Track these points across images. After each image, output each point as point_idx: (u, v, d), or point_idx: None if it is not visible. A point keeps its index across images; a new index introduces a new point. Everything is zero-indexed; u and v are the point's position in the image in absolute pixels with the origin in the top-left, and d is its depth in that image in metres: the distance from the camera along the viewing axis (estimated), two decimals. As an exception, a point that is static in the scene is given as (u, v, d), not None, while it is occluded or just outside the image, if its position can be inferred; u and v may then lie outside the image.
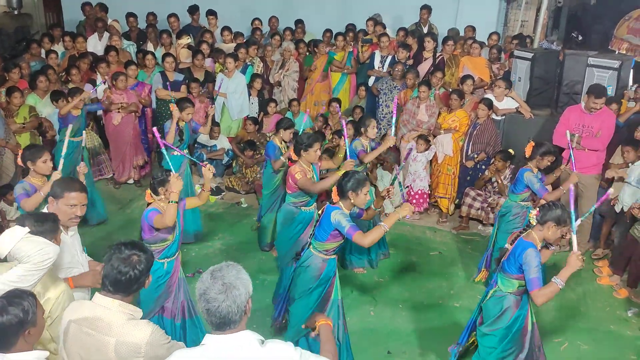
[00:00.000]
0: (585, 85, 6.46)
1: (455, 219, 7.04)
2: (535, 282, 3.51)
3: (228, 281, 2.09)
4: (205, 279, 2.12)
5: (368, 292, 5.47)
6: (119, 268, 2.37)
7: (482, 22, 8.82)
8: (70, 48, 8.35)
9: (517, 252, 3.68)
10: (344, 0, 10.04)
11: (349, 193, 3.82)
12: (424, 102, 7.05)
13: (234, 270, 2.14)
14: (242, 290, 2.11)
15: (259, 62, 8.38)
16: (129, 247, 2.43)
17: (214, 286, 2.08)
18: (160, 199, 4.03)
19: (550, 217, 3.64)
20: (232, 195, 7.56)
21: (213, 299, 2.07)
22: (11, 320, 2.15)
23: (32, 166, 4.29)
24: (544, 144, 5.17)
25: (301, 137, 4.91)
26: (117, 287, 2.38)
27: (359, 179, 3.85)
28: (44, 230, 2.77)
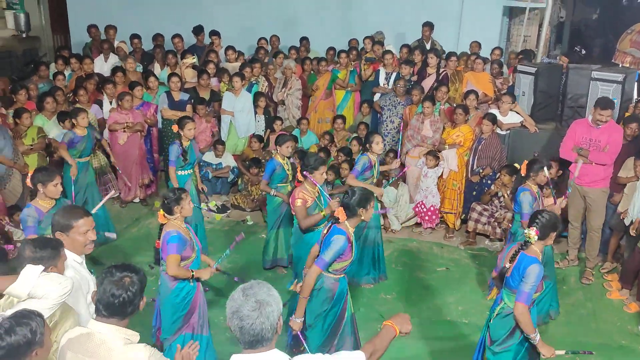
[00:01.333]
0: (589, 98, 6.46)
1: (462, 234, 7.01)
2: (525, 296, 3.56)
3: (261, 298, 2.08)
4: (237, 297, 2.11)
5: (375, 309, 5.43)
6: (112, 291, 2.34)
7: (485, 37, 8.87)
8: (77, 69, 8.44)
9: (522, 266, 3.65)
10: (346, 18, 10.13)
11: (359, 210, 3.82)
12: (428, 117, 7.07)
13: (265, 288, 2.13)
14: (274, 307, 2.10)
15: (263, 80, 8.45)
16: (120, 270, 2.40)
17: (246, 303, 2.07)
18: (176, 217, 4.06)
19: (551, 229, 3.72)
20: (238, 213, 7.56)
21: (247, 316, 2.06)
22: (19, 341, 2.14)
23: (42, 189, 4.26)
24: (536, 160, 5.17)
25: (308, 159, 4.90)
26: (111, 310, 2.36)
27: (365, 194, 3.85)
28: (43, 256, 2.74)
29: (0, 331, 2.15)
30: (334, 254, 3.76)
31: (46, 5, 12.89)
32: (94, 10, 10.55)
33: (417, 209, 7.03)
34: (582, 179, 5.84)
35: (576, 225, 6.13)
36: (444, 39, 9.23)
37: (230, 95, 7.87)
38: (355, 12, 10.08)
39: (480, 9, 9.51)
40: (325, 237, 3.89)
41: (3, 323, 2.17)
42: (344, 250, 3.80)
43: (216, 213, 7.44)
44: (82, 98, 7.44)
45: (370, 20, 9.67)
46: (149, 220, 7.24)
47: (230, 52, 8.86)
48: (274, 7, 10.35)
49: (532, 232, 3.66)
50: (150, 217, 7.31)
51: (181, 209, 4.04)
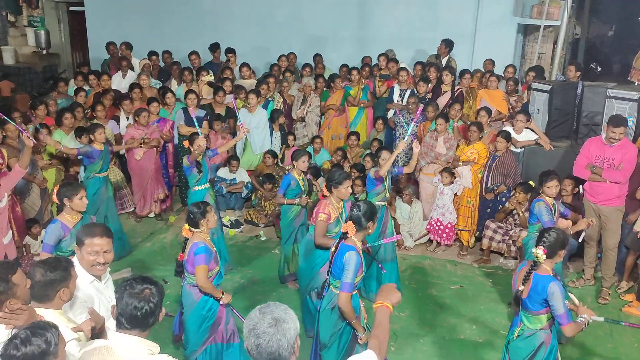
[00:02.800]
0: (605, 116, 6.42)
1: (476, 252, 6.97)
2: (564, 317, 3.56)
3: (278, 315, 2.08)
4: (253, 315, 2.10)
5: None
6: (134, 304, 2.38)
7: (499, 55, 8.88)
8: (95, 86, 8.60)
9: (539, 287, 3.63)
10: (361, 35, 10.22)
11: (368, 224, 3.81)
12: (441, 134, 7.08)
13: (282, 307, 2.13)
14: (291, 324, 2.08)
15: (279, 97, 8.53)
16: (139, 282, 2.44)
17: (263, 320, 2.06)
18: (202, 231, 4.18)
19: (559, 247, 3.69)
20: (251, 228, 7.60)
21: (263, 333, 2.04)
22: (34, 351, 2.18)
23: (68, 203, 4.35)
24: (544, 173, 5.19)
25: (332, 174, 4.92)
26: (134, 323, 2.39)
27: (373, 207, 3.86)
28: (54, 279, 2.72)
29: (16, 341, 2.19)
30: (353, 272, 3.72)
31: (66, 23, 13.20)
32: (112, 28, 10.78)
33: (431, 227, 7.00)
34: (596, 197, 5.80)
35: (592, 244, 6.06)
36: (459, 57, 9.27)
37: (245, 112, 7.95)
38: (370, 30, 10.16)
39: (495, 26, 9.54)
40: (335, 256, 3.87)
41: (19, 333, 2.22)
42: (359, 266, 3.77)
43: (230, 228, 7.50)
44: (99, 114, 7.56)
45: (385, 38, 9.74)
46: (163, 235, 7.30)
47: (244, 70, 8.97)
48: (289, 25, 10.48)
49: (540, 251, 3.64)
50: (165, 232, 7.37)
51: (207, 222, 4.17)
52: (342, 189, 4.81)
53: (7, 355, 2.17)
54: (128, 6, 11.16)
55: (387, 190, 5.90)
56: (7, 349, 2.18)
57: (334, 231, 4.84)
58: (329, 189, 4.87)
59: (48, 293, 2.72)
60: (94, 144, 6.45)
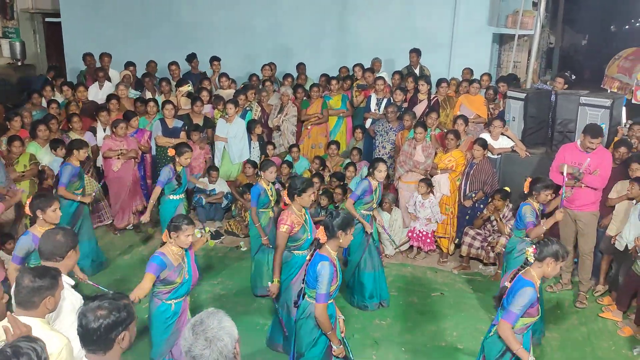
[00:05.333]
0: (578, 123, 6.55)
1: (455, 259, 7.01)
2: (511, 317, 3.59)
3: (211, 335, 2.05)
4: (187, 336, 2.07)
5: (370, 335, 5.40)
6: (82, 322, 2.25)
7: (476, 64, 9.01)
8: (70, 97, 8.48)
9: (516, 288, 3.67)
10: (340, 46, 10.29)
11: (338, 232, 3.76)
12: (420, 143, 7.13)
13: (216, 321, 2.09)
14: (226, 340, 2.07)
15: (257, 107, 8.52)
16: (94, 300, 2.31)
17: (197, 342, 2.05)
18: (171, 242, 4.12)
19: (548, 253, 3.66)
20: (232, 239, 7.55)
21: (199, 356, 2.03)
22: None
23: (41, 215, 4.28)
24: (540, 179, 5.24)
25: (295, 182, 4.86)
26: (89, 343, 2.26)
27: (348, 218, 3.81)
28: (42, 285, 2.73)
29: (8, 353, 2.13)
30: (327, 282, 3.69)
31: (42, 34, 13.05)
32: (88, 39, 10.70)
33: (413, 234, 7.03)
34: (572, 203, 5.89)
35: (568, 248, 6.14)
36: (436, 66, 9.38)
37: (223, 122, 7.93)
38: (349, 41, 10.25)
39: (471, 36, 9.70)
40: (309, 265, 3.84)
41: (5, 348, 2.15)
42: (333, 275, 3.74)
43: (210, 239, 7.42)
44: (75, 125, 7.46)
45: (363, 48, 9.82)
46: (141, 247, 7.21)
47: (224, 80, 8.96)
48: (269, 36, 10.52)
49: (531, 249, 3.68)
50: (144, 244, 7.29)
51: (177, 237, 4.08)
52: (305, 197, 4.76)
53: None
54: (104, 17, 11.09)
55: (376, 202, 5.91)
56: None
57: (301, 239, 4.81)
58: (291, 197, 4.79)
59: (34, 300, 2.71)
60: (73, 160, 6.24)
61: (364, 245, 5.81)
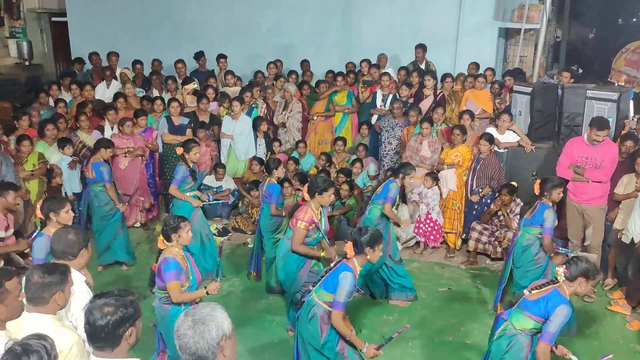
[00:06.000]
0: (585, 117, 6.53)
1: (463, 254, 7.00)
2: (550, 337, 3.55)
3: (198, 317, 2.11)
4: (180, 317, 2.17)
5: (377, 331, 5.41)
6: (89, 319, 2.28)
7: (481, 58, 8.98)
8: (78, 96, 8.53)
9: (551, 302, 3.61)
10: (344, 42, 10.28)
11: (366, 249, 3.78)
12: (426, 138, 7.13)
13: (208, 308, 2.16)
14: (212, 327, 2.10)
15: (262, 103, 8.54)
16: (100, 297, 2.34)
17: (184, 323, 2.12)
18: (173, 245, 4.11)
19: (580, 273, 3.62)
20: (239, 236, 7.57)
21: (183, 335, 2.10)
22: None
23: (54, 217, 4.27)
24: (549, 179, 5.21)
25: (317, 181, 4.88)
26: (97, 340, 2.29)
27: (375, 235, 3.81)
28: (51, 282, 2.77)
29: (18, 351, 2.16)
30: (346, 293, 3.73)
31: (49, 34, 13.11)
32: (95, 37, 10.74)
33: (419, 229, 7.02)
34: (580, 197, 5.87)
35: (576, 243, 6.13)
36: (441, 61, 9.35)
37: (229, 119, 7.96)
38: (353, 37, 10.24)
39: (476, 31, 9.66)
40: (333, 271, 3.87)
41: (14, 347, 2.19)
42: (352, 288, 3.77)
43: (217, 236, 7.46)
44: (83, 124, 7.50)
45: (368, 44, 9.80)
46: (150, 245, 7.25)
47: (229, 77, 8.99)
48: (274, 33, 10.51)
49: (561, 269, 3.64)
50: (152, 242, 7.32)
51: (178, 237, 4.09)
52: (325, 196, 4.79)
53: None
54: (110, 16, 11.12)
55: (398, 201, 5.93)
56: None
57: (312, 237, 4.84)
58: (311, 195, 4.83)
59: (44, 295, 2.74)
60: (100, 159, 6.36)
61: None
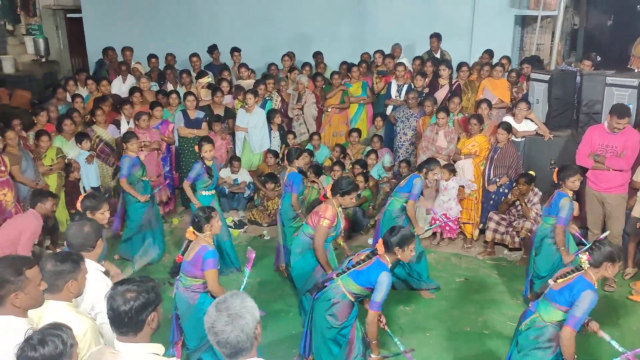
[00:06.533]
0: (604, 104, 6.42)
1: (480, 245, 6.95)
2: (576, 321, 3.50)
3: (233, 312, 2.11)
4: (211, 313, 2.15)
5: (394, 321, 5.39)
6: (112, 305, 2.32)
7: (497, 47, 8.85)
8: (94, 91, 8.60)
9: (576, 288, 3.57)
10: (358, 32, 10.21)
11: (395, 249, 3.81)
12: (442, 128, 7.06)
13: (239, 299, 2.16)
14: (248, 318, 2.12)
15: (276, 96, 8.54)
16: (122, 284, 2.38)
17: (220, 319, 2.11)
18: (206, 235, 4.20)
19: (605, 258, 3.58)
20: (255, 228, 7.60)
21: (221, 331, 2.10)
22: (51, 352, 2.20)
23: (90, 215, 4.33)
24: (566, 167, 5.17)
25: (342, 182, 4.83)
26: (120, 326, 2.33)
27: (406, 235, 3.82)
28: (63, 270, 2.82)
29: (33, 342, 2.20)
30: (384, 292, 3.78)
31: (64, 30, 13.21)
32: (110, 33, 10.79)
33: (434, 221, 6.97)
34: (600, 185, 5.79)
35: (596, 232, 6.04)
36: (456, 50, 9.24)
37: (243, 112, 7.96)
38: (368, 27, 10.16)
39: (492, 18, 9.53)
40: (368, 267, 3.88)
41: (35, 334, 2.24)
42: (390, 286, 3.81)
43: (233, 229, 7.50)
44: (99, 118, 7.55)
45: (382, 35, 9.71)
46: (167, 238, 7.29)
47: (243, 70, 9.00)
48: (287, 25, 10.47)
49: (584, 257, 3.59)
50: (168, 235, 7.37)
51: (211, 227, 4.18)
52: (348, 198, 4.78)
53: (25, 357, 2.19)
54: (125, 11, 11.18)
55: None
56: (24, 350, 2.20)
57: (330, 234, 4.85)
58: (334, 194, 4.81)
59: (57, 283, 2.79)
60: (128, 152, 6.37)
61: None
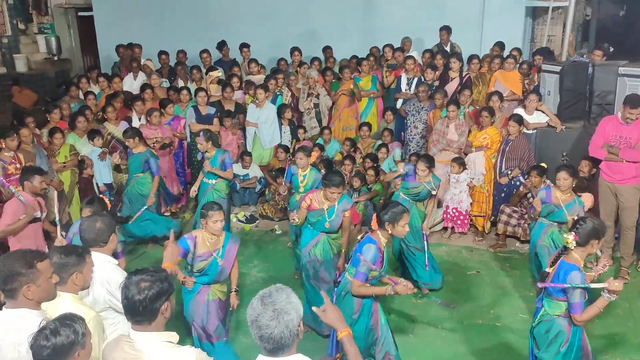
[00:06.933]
0: (617, 95, 6.36)
1: (491, 238, 6.93)
2: (577, 307, 3.51)
3: (279, 307, 2.08)
4: (255, 306, 2.10)
5: (407, 314, 5.41)
6: (127, 295, 2.36)
7: (508, 38, 8.77)
8: (106, 88, 8.68)
9: (561, 274, 3.59)
10: (367, 26, 10.18)
11: (385, 224, 3.86)
12: (453, 121, 7.04)
13: (284, 295, 2.12)
14: (293, 314, 2.09)
15: (287, 91, 8.55)
16: (136, 274, 2.42)
17: (265, 313, 2.07)
18: (201, 230, 4.32)
19: (590, 236, 3.58)
20: (266, 223, 7.64)
21: (265, 326, 2.06)
22: (63, 341, 2.24)
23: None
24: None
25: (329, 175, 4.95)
26: (135, 315, 2.36)
27: (396, 212, 3.84)
28: (68, 262, 2.85)
29: (46, 332, 2.26)
30: (367, 264, 3.80)
31: (76, 29, 13.31)
32: (120, 31, 10.86)
33: (446, 214, 6.97)
34: (613, 177, 5.74)
35: (609, 224, 5.98)
36: (467, 42, 9.17)
37: (254, 107, 7.99)
38: (376, 20, 10.12)
39: (502, 10, 9.44)
40: (358, 244, 3.96)
41: (49, 324, 2.29)
42: (376, 260, 3.83)
43: (245, 223, 7.55)
44: (110, 115, 7.61)
45: (391, 29, 9.66)
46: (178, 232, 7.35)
47: (253, 65, 9.02)
48: (296, 20, 10.46)
49: (571, 237, 3.58)
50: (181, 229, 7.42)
51: (205, 224, 4.25)
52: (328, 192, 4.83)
53: (37, 346, 2.24)
54: (135, 9, 11.23)
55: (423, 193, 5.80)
56: (37, 340, 2.25)
57: (311, 221, 5.00)
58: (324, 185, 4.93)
59: (62, 276, 2.82)
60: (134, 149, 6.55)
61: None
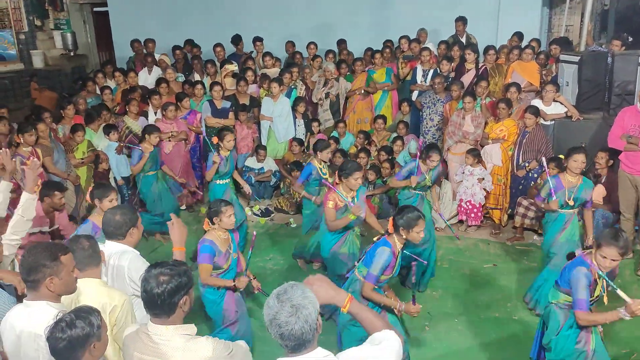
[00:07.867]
0: (638, 85, 6.25)
1: (509, 230, 6.86)
2: (581, 303, 3.50)
3: (296, 302, 2.05)
4: (272, 304, 2.08)
5: (422, 307, 5.37)
6: (146, 288, 2.37)
7: (525, 29, 8.65)
8: (122, 83, 8.73)
9: (568, 268, 3.65)
10: (380, 19, 10.10)
11: (400, 229, 3.84)
12: (469, 113, 6.97)
13: (299, 290, 2.10)
14: (311, 309, 2.07)
15: (301, 84, 8.53)
16: (156, 267, 2.42)
17: (283, 310, 2.04)
18: (214, 228, 4.27)
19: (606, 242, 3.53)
20: (281, 216, 7.65)
21: (285, 323, 2.03)
22: (79, 333, 2.27)
23: (98, 204, 4.42)
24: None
25: (343, 164, 4.92)
26: (154, 308, 2.38)
27: (411, 217, 3.80)
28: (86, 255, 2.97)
29: (62, 324, 2.28)
30: (380, 266, 3.79)
31: (91, 25, 13.43)
32: (135, 26, 10.91)
33: (461, 207, 6.92)
34: (633, 168, 5.65)
35: (629, 216, 5.91)
36: (483, 33, 9.06)
37: (268, 101, 7.98)
38: (390, 12, 10.04)
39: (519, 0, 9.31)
40: (373, 245, 3.94)
41: (64, 317, 2.32)
42: (388, 264, 3.82)
43: (260, 217, 7.56)
44: (132, 109, 7.62)
45: (405, 20, 9.59)
46: (195, 227, 7.38)
47: (267, 59, 9.01)
48: (309, 14, 10.43)
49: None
50: (196, 224, 7.46)
51: (219, 221, 4.21)
52: (351, 179, 4.78)
53: (53, 338, 2.27)
54: (150, 4, 11.29)
55: (430, 181, 5.72)
56: (53, 332, 2.28)
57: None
58: (339, 178, 4.87)
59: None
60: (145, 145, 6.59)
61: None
